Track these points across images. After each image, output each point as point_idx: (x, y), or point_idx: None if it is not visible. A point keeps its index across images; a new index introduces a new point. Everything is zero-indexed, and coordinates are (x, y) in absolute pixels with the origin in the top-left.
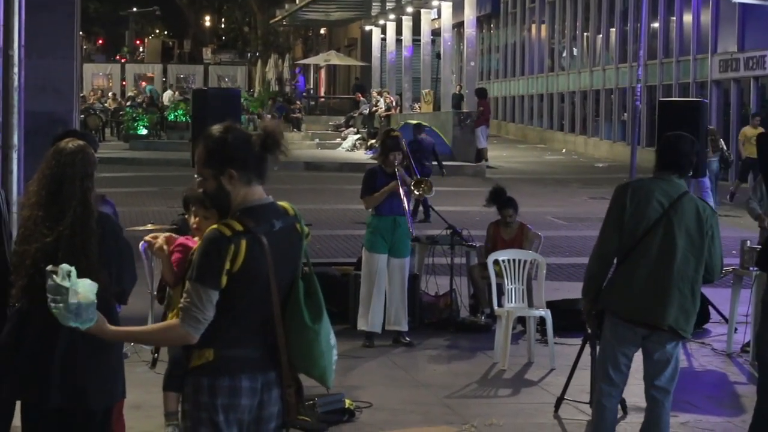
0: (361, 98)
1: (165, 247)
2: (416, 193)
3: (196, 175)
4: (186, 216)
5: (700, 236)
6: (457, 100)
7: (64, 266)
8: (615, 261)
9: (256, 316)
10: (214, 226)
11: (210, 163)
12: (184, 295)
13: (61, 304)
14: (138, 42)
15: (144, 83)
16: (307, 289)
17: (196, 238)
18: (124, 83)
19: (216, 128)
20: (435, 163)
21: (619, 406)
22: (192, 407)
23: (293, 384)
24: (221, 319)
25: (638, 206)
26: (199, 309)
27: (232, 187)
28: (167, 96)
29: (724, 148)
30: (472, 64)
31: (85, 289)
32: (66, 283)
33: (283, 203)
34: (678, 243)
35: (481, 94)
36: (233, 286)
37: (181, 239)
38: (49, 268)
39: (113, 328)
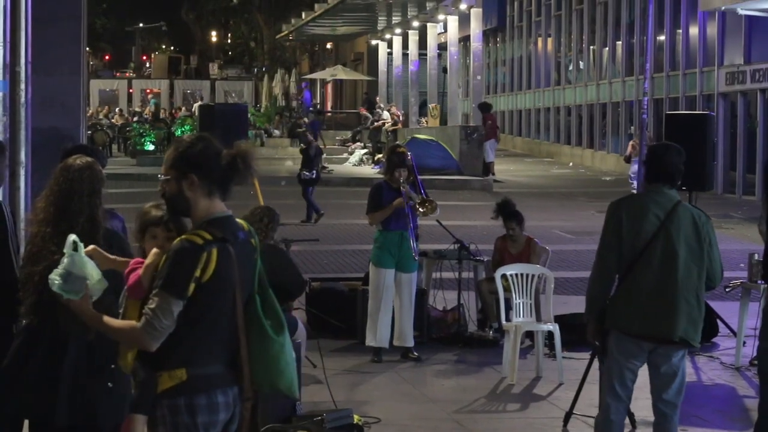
0: (363, 112)
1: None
2: (420, 210)
3: (160, 175)
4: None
5: (699, 244)
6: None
7: (71, 236)
8: (616, 278)
9: (224, 330)
10: (183, 236)
11: (175, 165)
12: (149, 301)
13: (57, 268)
14: (144, 57)
15: (149, 92)
16: (264, 302)
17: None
18: (131, 90)
19: (190, 135)
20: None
21: (628, 420)
22: (170, 430)
23: (251, 398)
24: (190, 333)
25: (635, 221)
26: (158, 317)
27: (192, 193)
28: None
29: None
30: (479, 78)
31: (82, 263)
32: (67, 250)
33: (239, 220)
34: (679, 253)
35: (484, 108)
36: (203, 295)
37: (140, 258)
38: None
39: (93, 310)
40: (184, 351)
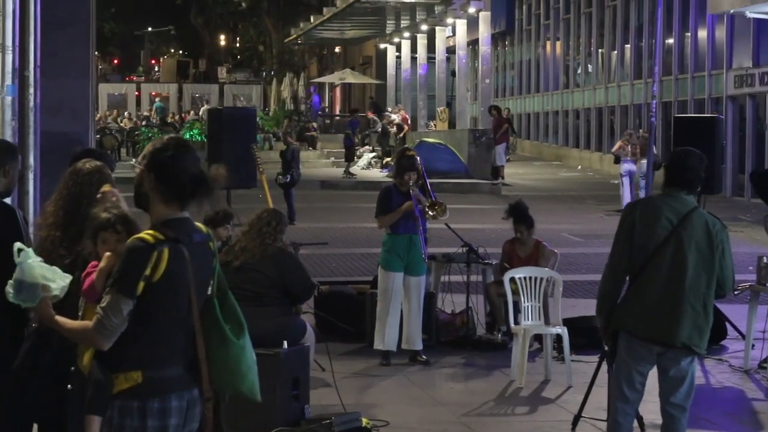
0: (371, 116)
1: None
2: (430, 214)
3: (135, 160)
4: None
5: (711, 251)
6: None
7: (17, 244)
8: (627, 279)
9: (180, 333)
10: (135, 236)
11: (146, 158)
12: (101, 300)
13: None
14: (153, 61)
15: (155, 95)
16: (223, 305)
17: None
18: (137, 93)
19: (171, 138)
20: None
21: (637, 423)
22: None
23: (212, 398)
24: (144, 334)
25: (647, 224)
26: (108, 316)
27: (149, 191)
28: (204, 111)
29: (655, 152)
30: (487, 81)
31: (31, 269)
32: (16, 259)
33: (197, 223)
34: (688, 259)
35: (498, 111)
36: (154, 295)
37: (96, 262)
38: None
39: (50, 312)
40: (138, 352)
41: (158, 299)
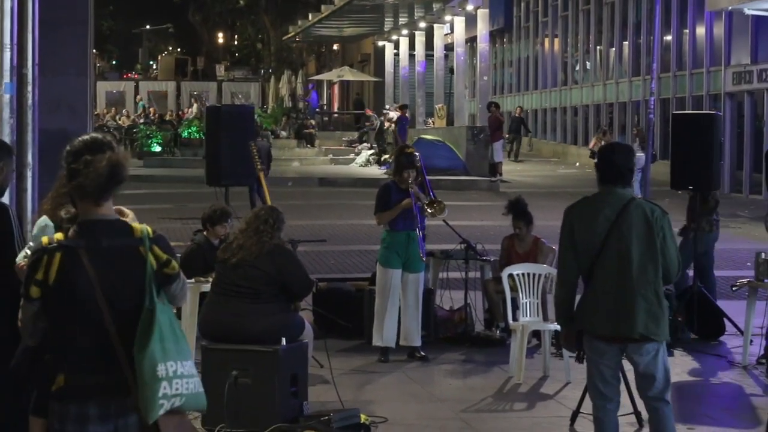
0: (370, 113)
1: None
2: (429, 211)
3: None
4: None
5: (652, 240)
6: (517, 123)
7: (43, 218)
8: (582, 281)
9: (92, 339)
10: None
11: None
12: None
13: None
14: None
15: (151, 92)
16: (147, 316)
17: None
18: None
19: (89, 138)
20: None
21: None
22: None
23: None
24: (55, 338)
25: (587, 225)
26: (20, 314)
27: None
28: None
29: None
30: (485, 78)
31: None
32: (34, 231)
33: (136, 225)
34: (632, 252)
35: (496, 107)
36: (53, 300)
37: None
38: None
39: None
40: (57, 357)
41: (57, 303)
